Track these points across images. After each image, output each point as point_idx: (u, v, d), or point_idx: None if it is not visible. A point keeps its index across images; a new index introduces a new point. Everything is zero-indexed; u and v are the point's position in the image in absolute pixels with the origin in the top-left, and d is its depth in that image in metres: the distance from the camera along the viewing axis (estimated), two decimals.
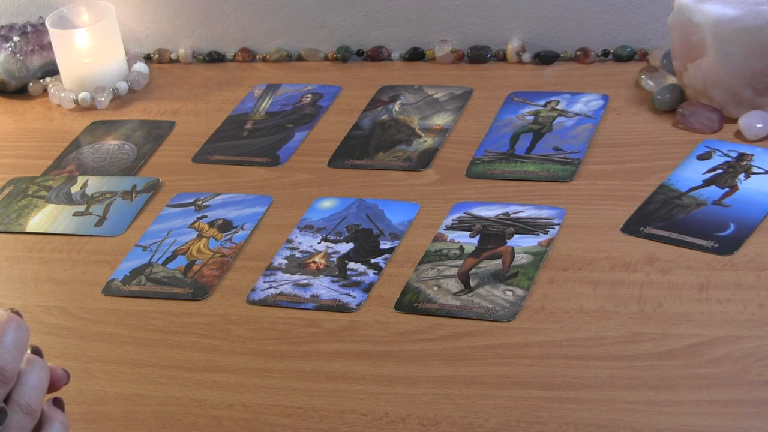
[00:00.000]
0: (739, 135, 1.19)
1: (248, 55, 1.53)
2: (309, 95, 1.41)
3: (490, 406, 0.90)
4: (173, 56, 1.56)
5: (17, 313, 0.75)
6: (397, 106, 1.35)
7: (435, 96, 1.36)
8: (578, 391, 0.90)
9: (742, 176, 1.12)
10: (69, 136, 1.41)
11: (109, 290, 1.11)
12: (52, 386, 0.79)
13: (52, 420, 0.77)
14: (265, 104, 1.41)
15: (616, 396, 0.89)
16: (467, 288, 1.03)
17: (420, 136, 1.29)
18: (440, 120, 1.31)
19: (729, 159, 1.15)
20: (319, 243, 1.13)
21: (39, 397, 0.75)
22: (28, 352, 0.76)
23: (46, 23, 1.46)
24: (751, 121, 1.18)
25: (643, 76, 1.31)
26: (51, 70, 1.52)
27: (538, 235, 1.08)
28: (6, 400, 0.73)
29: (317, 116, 1.37)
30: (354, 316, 1.03)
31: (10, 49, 1.50)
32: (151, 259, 1.15)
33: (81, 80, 1.47)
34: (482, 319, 0.99)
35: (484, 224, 1.11)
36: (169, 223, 1.20)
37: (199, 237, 1.17)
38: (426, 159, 1.24)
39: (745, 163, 1.14)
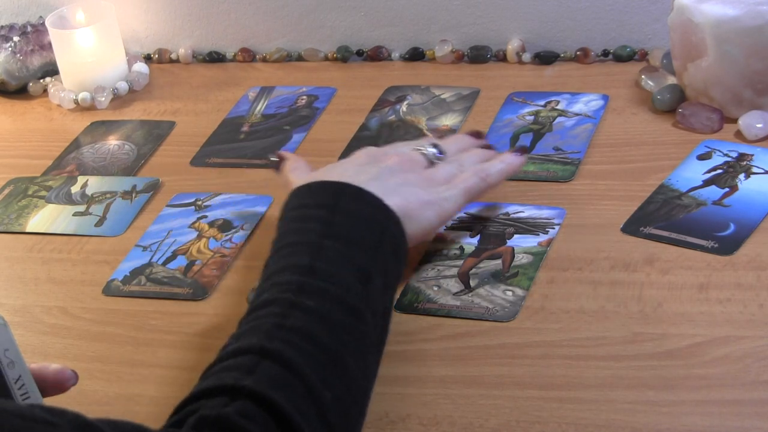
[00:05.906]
0: (739, 135, 1.19)
1: (248, 55, 1.53)
2: (304, 97, 1.41)
3: (490, 406, 0.90)
4: (173, 56, 1.56)
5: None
6: (404, 107, 1.35)
7: (442, 96, 1.36)
8: (578, 391, 0.90)
9: (742, 176, 1.12)
10: (69, 136, 1.41)
11: (109, 290, 1.11)
12: (61, 386, 0.79)
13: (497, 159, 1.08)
14: (260, 107, 1.40)
15: (616, 396, 0.89)
16: (467, 288, 1.03)
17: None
18: (448, 120, 1.31)
19: (729, 159, 1.15)
20: None
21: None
22: None
23: (46, 23, 1.46)
24: (751, 121, 1.18)
25: (643, 76, 1.31)
26: (51, 70, 1.52)
27: (538, 235, 1.08)
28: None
29: (314, 117, 1.36)
30: None
31: (10, 49, 1.50)
32: (151, 259, 1.14)
33: (81, 80, 1.47)
34: (482, 319, 0.99)
35: (484, 224, 1.11)
36: (169, 223, 1.20)
37: (199, 237, 1.17)
38: None
39: (745, 163, 1.14)
